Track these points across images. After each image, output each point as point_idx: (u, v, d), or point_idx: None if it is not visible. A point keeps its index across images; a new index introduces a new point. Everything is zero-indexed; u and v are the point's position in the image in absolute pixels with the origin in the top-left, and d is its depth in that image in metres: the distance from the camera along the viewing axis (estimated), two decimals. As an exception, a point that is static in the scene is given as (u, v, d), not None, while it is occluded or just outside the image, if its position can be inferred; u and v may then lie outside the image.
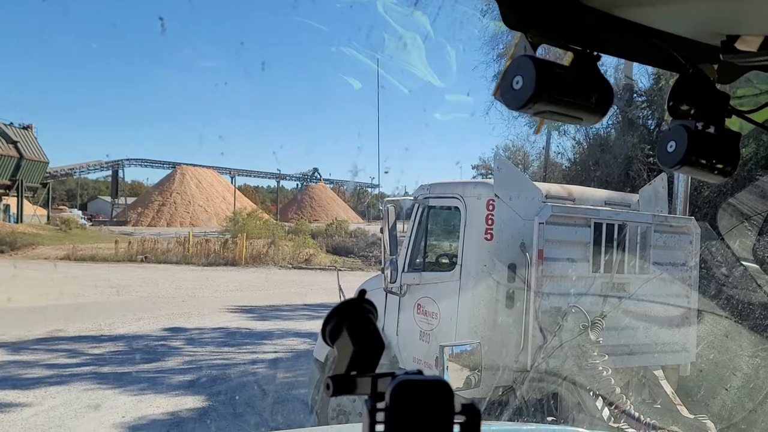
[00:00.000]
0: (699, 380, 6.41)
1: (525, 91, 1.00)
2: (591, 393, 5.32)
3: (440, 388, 0.83)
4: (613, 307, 5.72)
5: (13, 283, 21.81)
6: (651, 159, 11.81)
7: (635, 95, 14.27)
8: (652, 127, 13.62)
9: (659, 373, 6.12)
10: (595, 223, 5.82)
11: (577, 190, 6.80)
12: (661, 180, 6.79)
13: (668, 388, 6.04)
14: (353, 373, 0.91)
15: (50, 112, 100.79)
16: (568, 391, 5.42)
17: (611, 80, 14.58)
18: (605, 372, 5.35)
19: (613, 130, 14.21)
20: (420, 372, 0.87)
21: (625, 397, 5.44)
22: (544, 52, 1.22)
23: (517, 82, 1.01)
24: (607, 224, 5.86)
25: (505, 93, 1.02)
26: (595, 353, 5.37)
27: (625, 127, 13.43)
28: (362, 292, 0.98)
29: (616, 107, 14.09)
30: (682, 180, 8.32)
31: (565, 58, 1.09)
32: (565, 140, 16.05)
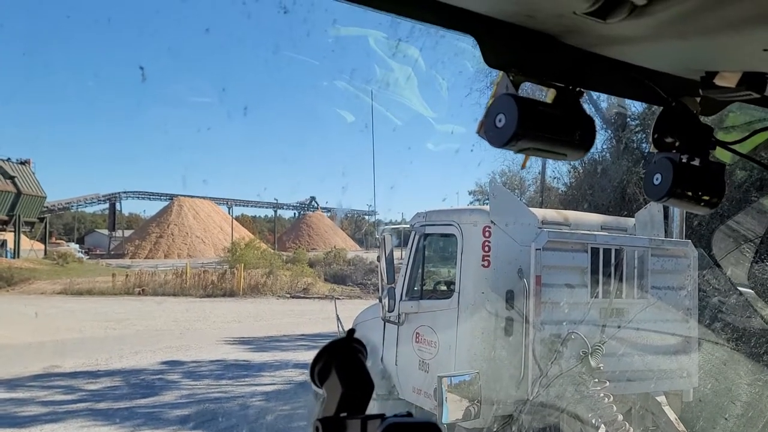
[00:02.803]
0: (699, 409, 6.33)
1: (508, 130, 1.01)
2: (593, 421, 5.25)
3: (430, 430, 0.82)
4: (612, 332, 5.68)
5: (9, 319, 21.62)
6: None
7: (629, 119, 14.41)
8: (646, 151, 13.72)
9: (662, 399, 6.05)
10: (591, 248, 5.81)
11: (572, 215, 6.81)
12: (656, 204, 6.79)
13: (672, 415, 5.96)
14: (343, 414, 0.90)
15: (47, 147, 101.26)
16: (569, 419, 5.35)
17: (604, 105, 14.75)
18: (606, 399, 5.28)
19: (608, 155, 14.31)
20: (410, 414, 0.86)
21: (627, 424, 5.36)
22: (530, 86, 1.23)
23: (499, 120, 1.02)
24: (604, 249, 5.85)
25: (488, 131, 1.03)
26: (596, 380, 5.32)
27: (619, 152, 13.53)
28: (351, 331, 0.97)
29: (610, 131, 14.21)
30: (678, 204, 8.33)
31: (548, 94, 1.11)
32: (561, 165, 16.14)
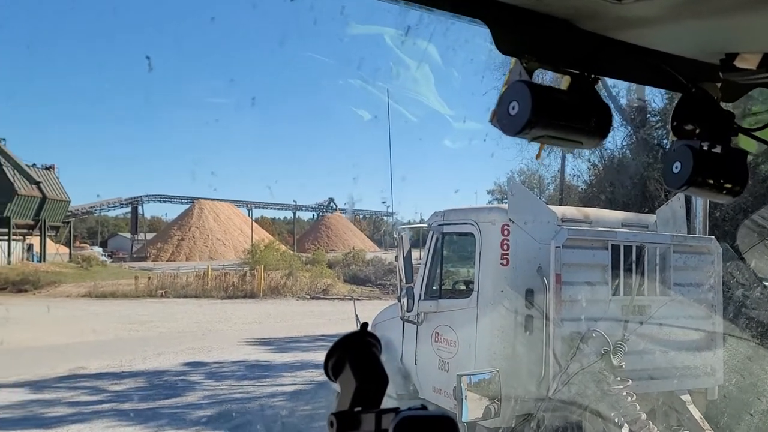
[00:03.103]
0: (723, 406, 6.22)
1: (521, 117, 0.99)
2: (615, 420, 5.18)
3: (444, 423, 0.81)
4: (634, 330, 5.61)
5: (36, 321, 22.02)
6: (668, 179, 11.64)
7: (649, 115, 14.22)
8: (667, 147, 13.53)
9: (686, 397, 5.96)
10: (612, 245, 5.74)
11: (592, 212, 6.73)
12: (678, 200, 6.70)
13: (696, 413, 5.87)
14: (357, 409, 0.89)
15: (70, 152, 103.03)
16: (591, 418, 5.29)
17: (623, 102, 14.58)
18: (629, 398, 5.21)
19: (627, 151, 14.13)
20: (424, 407, 0.85)
21: (651, 423, 5.28)
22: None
23: (513, 108, 1.00)
24: (625, 246, 5.78)
25: (501, 119, 1.01)
26: (618, 378, 5.25)
27: (639, 148, 13.35)
28: (364, 325, 0.97)
29: (629, 128, 14.04)
30: (700, 199, 8.22)
31: (562, 81, 1.09)
32: (580, 162, 15.98)
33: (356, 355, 0.92)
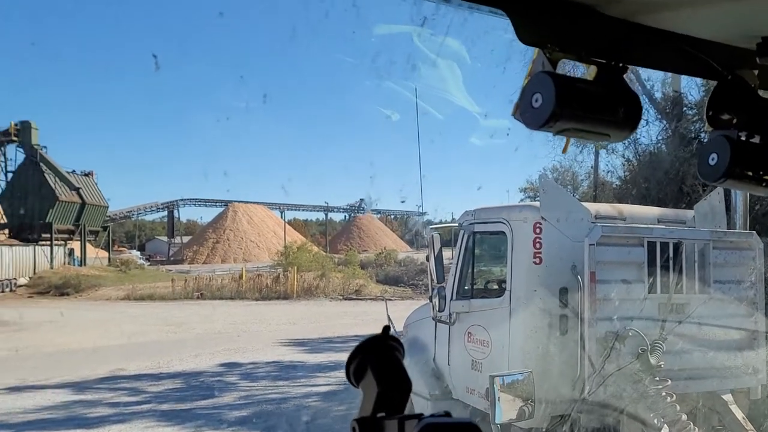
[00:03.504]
0: (766, 407, 6.02)
1: (545, 110, 0.96)
2: (654, 421, 5.05)
3: (468, 431, 0.79)
4: (672, 329, 5.46)
5: (78, 324, 22.63)
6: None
7: (685, 108, 13.86)
8: (705, 141, 13.16)
9: (728, 397, 5.78)
10: (648, 242, 5.61)
11: (627, 209, 6.60)
12: (717, 194, 6.51)
13: (739, 414, 5.69)
14: (380, 415, 0.87)
15: (108, 158, 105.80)
16: (628, 420, 5.17)
17: (658, 95, 14.24)
18: (669, 398, 5.08)
19: (663, 146, 13.79)
20: (448, 414, 0.83)
21: (692, 424, 5.14)
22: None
23: (536, 100, 0.97)
24: (662, 243, 5.64)
25: (524, 112, 0.98)
26: (657, 378, 5.12)
27: (676, 142, 13.02)
28: (386, 329, 0.95)
29: (665, 121, 13.70)
30: (740, 193, 7.97)
31: (588, 71, 1.05)
32: (614, 158, 15.63)
33: (378, 360, 0.90)
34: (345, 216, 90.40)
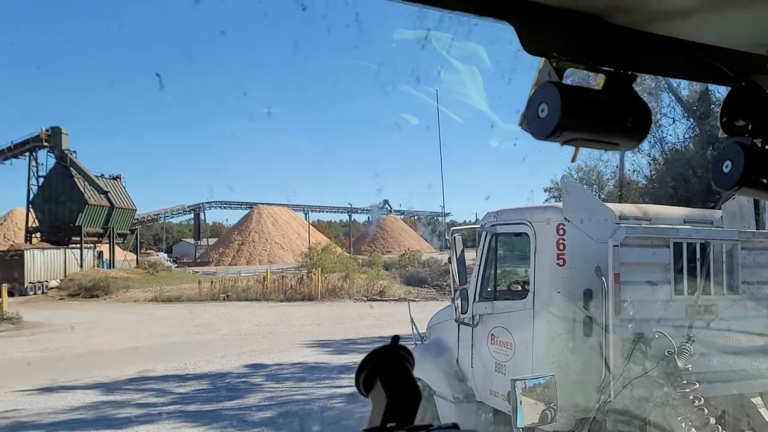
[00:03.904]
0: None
1: (551, 120, 0.96)
2: (682, 425, 4.97)
3: None
4: (699, 331, 5.37)
5: (107, 326, 23.05)
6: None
7: (713, 106, 13.61)
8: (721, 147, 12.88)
9: (757, 400, 5.67)
10: (674, 243, 5.52)
11: (652, 209, 6.50)
12: (745, 193, 6.38)
13: (770, 418, 5.58)
14: (390, 425, 0.88)
15: (136, 161, 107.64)
16: (656, 423, 5.09)
17: (685, 93, 14.00)
18: (697, 401, 4.99)
19: (691, 144, 13.56)
20: (456, 426, 0.83)
21: (720, 428, 5.05)
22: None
23: (542, 111, 0.97)
24: (688, 244, 5.55)
25: (531, 122, 0.98)
26: (684, 381, 5.04)
27: (703, 140, 12.78)
28: (395, 338, 0.96)
29: (692, 120, 13.47)
30: None
31: (597, 80, 1.05)
32: (640, 157, 15.42)
33: (387, 370, 0.91)
34: (368, 217, 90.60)
